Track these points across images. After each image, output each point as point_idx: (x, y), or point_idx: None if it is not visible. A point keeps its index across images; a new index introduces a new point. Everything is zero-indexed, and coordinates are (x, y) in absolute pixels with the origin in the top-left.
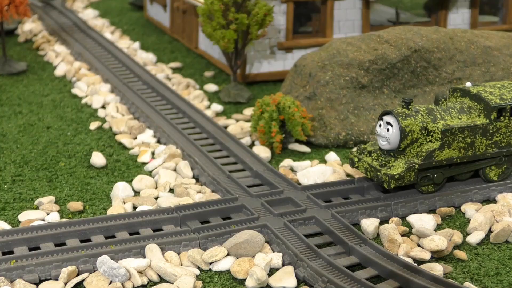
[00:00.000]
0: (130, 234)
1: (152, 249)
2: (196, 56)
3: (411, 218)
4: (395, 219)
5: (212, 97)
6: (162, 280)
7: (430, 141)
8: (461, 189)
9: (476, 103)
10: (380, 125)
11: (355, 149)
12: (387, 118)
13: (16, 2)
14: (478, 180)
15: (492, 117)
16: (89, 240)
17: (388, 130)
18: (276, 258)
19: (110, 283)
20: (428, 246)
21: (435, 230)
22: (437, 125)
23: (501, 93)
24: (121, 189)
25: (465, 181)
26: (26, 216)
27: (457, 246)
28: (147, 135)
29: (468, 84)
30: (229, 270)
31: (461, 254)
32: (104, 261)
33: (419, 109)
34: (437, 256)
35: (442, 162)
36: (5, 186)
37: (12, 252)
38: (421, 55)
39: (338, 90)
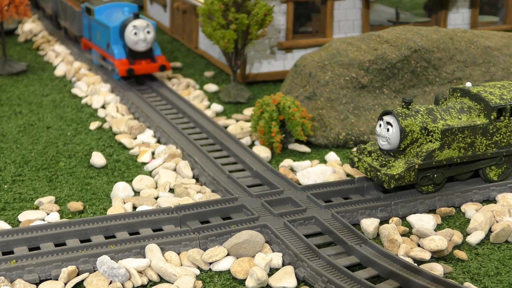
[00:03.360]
0: (130, 234)
1: (152, 249)
2: (196, 56)
3: (411, 218)
4: (395, 219)
5: (212, 97)
6: (162, 280)
7: (430, 141)
8: (461, 189)
9: (476, 103)
10: (380, 125)
11: (355, 149)
12: (387, 118)
13: (16, 2)
14: (478, 180)
15: (492, 117)
16: (89, 240)
17: (388, 130)
18: (276, 258)
19: (110, 283)
20: (428, 246)
21: (435, 230)
22: (437, 125)
23: (501, 93)
24: (121, 189)
25: (465, 181)
26: (26, 216)
27: (457, 246)
28: (147, 135)
29: (468, 84)
30: (229, 270)
31: (461, 254)
32: (104, 261)
33: (419, 109)
34: (437, 256)
35: (442, 162)
36: (5, 186)
37: (12, 252)
38: (421, 55)
39: (338, 90)
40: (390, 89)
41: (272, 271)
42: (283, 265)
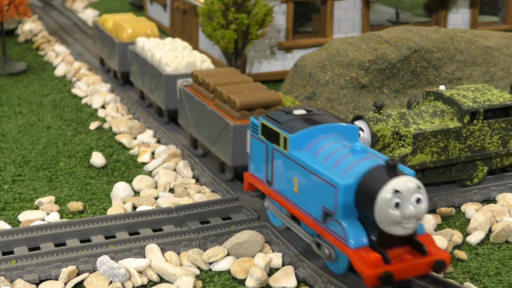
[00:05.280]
0: (130, 234)
1: (152, 249)
2: None
3: None
4: None
5: None
6: (162, 280)
7: (402, 145)
8: (461, 189)
9: (449, 107)
10: None
11: None
12: (358, 123)
13: (16, 2)
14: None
15: (465, 121)
16: (89, 240)
17: (359, 135)
18: (276, 258)
19: (110, 283)
20: None
21: (435, 230)
22: (409, 129)
23: (474, 96)
24: (121, 189)
25: None
26: (26, 216)
27: (457, 246)
28: (147, 135)
29: (442, 87)
30: (229, 270)
31: (461, 254)
32: (104, 261)
33: (391, 113)
34: None
35: (415, 167)
36: (5, 186)
37: (12, 252)
38: (421, 55)
39: (338, 90)
40: (390, 89)
41: (272, 271)
42: (283, 265)
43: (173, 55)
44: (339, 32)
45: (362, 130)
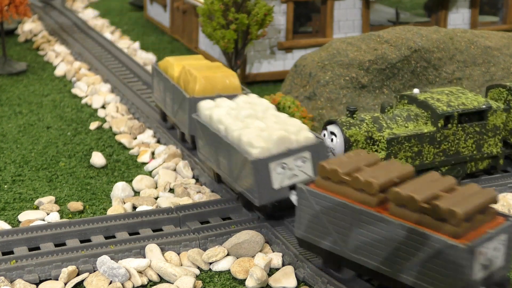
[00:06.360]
0: (130, 234)
1: (152, 249)
2: None
3: None
4: None
5: None
6: (162, 280)
7: (376, 151)
8: None
9: (423, 111)
10: (324, 135)
11: None
12: (331, 128)
13: (16, 2)
14: (477, 180)
15: (440, 125)
16: (89, 240)
17: (332, 140)
18: (276, 258)
19: (110, 283)
20: None
21: None
22: (383, 134)
23: (448, 100)
24: (121, 189)
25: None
26: (26, 216)
27: None
28: (147, 135)
29: (416, 90)
30: (229, 270)
31: None
32: (104, 261)
33: (364, 117)
34: None
35: None
36: (5, 186)
37: (12, 252)
38: (421, 55)
39: (338, 90)
40: (390, 89)
41: (272, 271)
42: (283, 265)
43: (257, 128)
44: (339, 32)
45: (335, 135)
